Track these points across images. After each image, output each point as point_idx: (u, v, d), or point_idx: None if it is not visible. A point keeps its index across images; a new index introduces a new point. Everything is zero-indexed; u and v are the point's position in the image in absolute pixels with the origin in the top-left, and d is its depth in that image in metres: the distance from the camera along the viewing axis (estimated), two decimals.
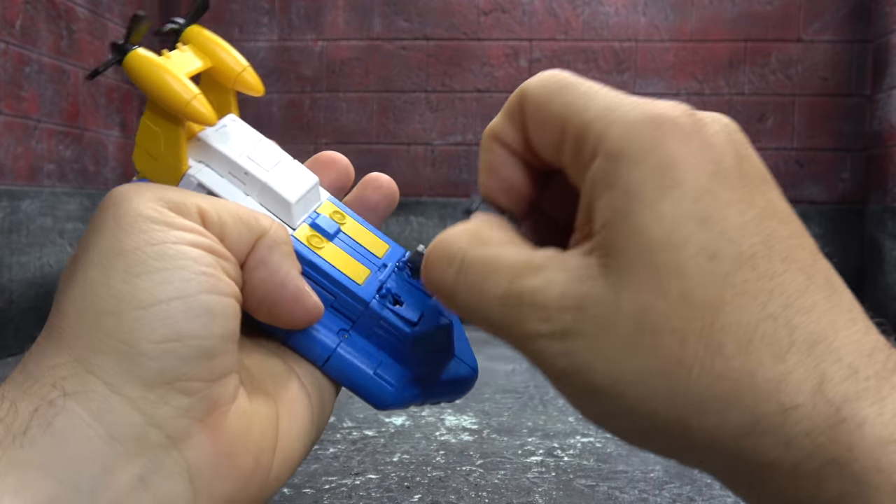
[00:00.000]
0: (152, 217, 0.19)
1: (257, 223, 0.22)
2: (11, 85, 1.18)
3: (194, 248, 0.19)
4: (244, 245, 0.21)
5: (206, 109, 0.23)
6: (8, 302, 1.17)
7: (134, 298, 0.18)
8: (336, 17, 1.64)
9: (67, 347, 0.18)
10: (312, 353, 0.23)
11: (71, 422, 0.17)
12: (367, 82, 1.63)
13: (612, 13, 1.59)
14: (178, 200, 0.20)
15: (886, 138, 1.45)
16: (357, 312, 0.23)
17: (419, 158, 1.63)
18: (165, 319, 0.18)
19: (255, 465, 0.19)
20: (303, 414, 0.21)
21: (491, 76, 1.61)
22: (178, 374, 0.18)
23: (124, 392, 0.18)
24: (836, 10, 1.53)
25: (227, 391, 0.19)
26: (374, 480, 0.38)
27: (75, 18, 1.36)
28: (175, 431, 0.18)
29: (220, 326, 0.19)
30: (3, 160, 1.17)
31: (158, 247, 0.19)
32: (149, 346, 0.18)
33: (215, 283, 0.19)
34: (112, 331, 0.18)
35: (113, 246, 0.19)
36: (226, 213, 0.21)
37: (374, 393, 0.23)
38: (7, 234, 1.17)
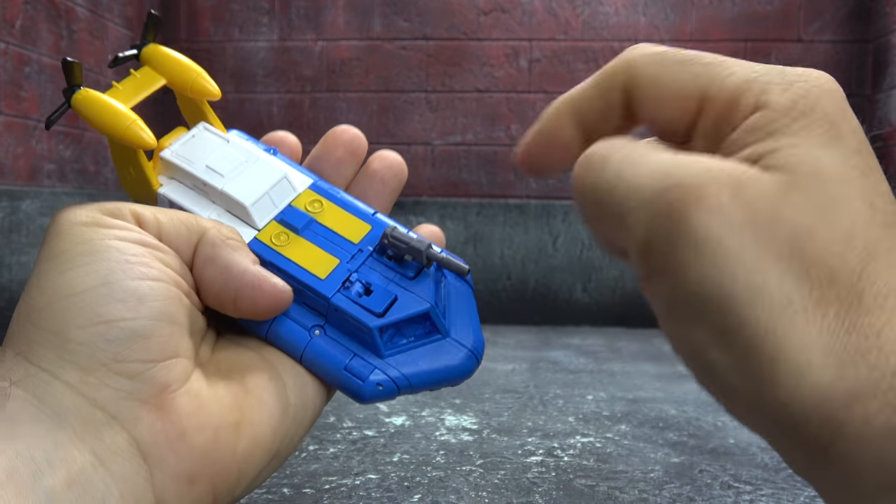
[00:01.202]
0: (84, 221, 0.21)
1: (196, 223, 0.22)
2: (11, 85, 1.18)
3: (122, 242, 0.20)
4: (185, 243, 0.22)
5: (143, 133, 0.24)
6: (8, 302, 1.17)
7: (61, 290, 0.19)
8: (336, 17, 1.64)
9: (11, 345, 0.19)
10: (289, 348, 0.23)
11: (21, 405, 0.18)
12: (367, 82, 1.63)
13: (612, 13, 1.59)
14: (112, 207, 0.21)
15: (886, 138, 1.45)
16: (324, 307, 0.23)
17: (419, 158, 1.63)
18: (90, 305, 0.19)
19: (213, 442, 0.19)
20: (272, 400, 0.22)
21: (491, 76, 1.61)
22: (111, 355, 0.19)
23: (63, 378, 0.19)
24: (836, 10, 1.53)
25: (174, 374, 0.20)
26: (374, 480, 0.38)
27: (75, 18, 1.36)
28: (120, 413, 0.19)
29: (150, 308, 0.20)
30: (3, 160, 1.17)
31: (87, 244, 0.20)
32: (77, 331, 0.19)
33: (143, 270, 0.20)
34: (43, 322, 0.19)
35: (48, 252, 0.20)
36: (162, 214, 0.22)
37: (348, 387, 0.23)
38: (7, 234, 1.17)
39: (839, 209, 0.15)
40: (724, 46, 1.57)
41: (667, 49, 0.19)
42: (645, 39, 1.58)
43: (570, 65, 1.60)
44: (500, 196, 1.62)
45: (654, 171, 0.17)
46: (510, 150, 1.62)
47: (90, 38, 1.41)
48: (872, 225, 0.15)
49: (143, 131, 0.24)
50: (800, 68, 0.18)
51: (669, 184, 0.16)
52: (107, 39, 1.48)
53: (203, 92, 0.26)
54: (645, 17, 1.58)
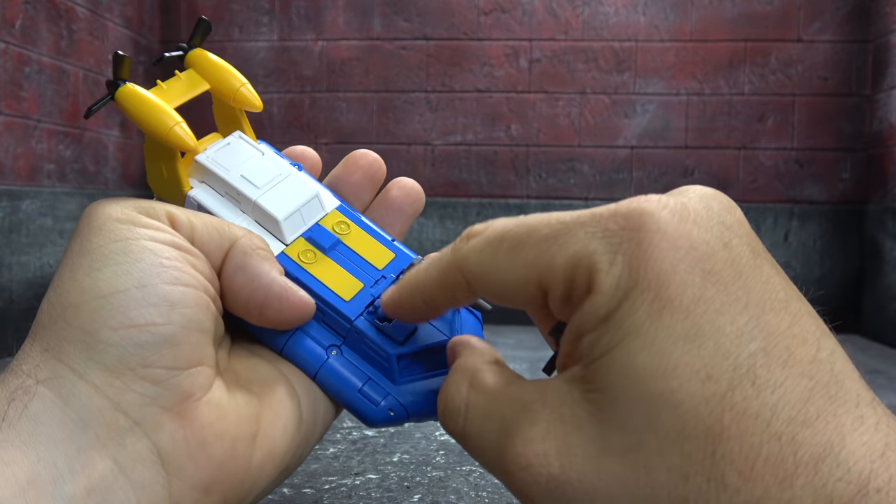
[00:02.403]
0: (119, 218, 0.21)
1: (229, 230, 0.22)
2: (11, 85, 1.18)
3: (157, 243, 0.20)
4: (216, 248, 0.22)
5: (187, 136, 0.24)
6: (8, 302, 1.17)
7: (95, 289, 0.19)
8: (336, 17, 1.64)
9: (39, 340, 0.19)
10: (304, 364, 0.23)
11: (45, 405, 0.18)
12: (367, 82, 1.63)
13: (612, 13, 1.59)
14: (147, 206, 0.21)
15: (886, 138, 1.45)
16: (344, 329, 0.23)
17: (419, 158, 1.63)
18: (123, 307, 0.19)
19: (231, 452, 0.19)
20: (287, 414, 0.22)
21: (491, 76, 1.61)
22: (139, 360, 0.19)
23: (89, 378, 0.18)
24: (836, 10, 1.53)
25: (198, 382, 0.20)
26: (374, 480, 0.38)
27: (75, 18, 1.36)
28: (143, 419, 0.19)
29: (180, 315, 0.20)
30: (3, 160, 1.17)
31: (121, 243, 0.20)
32: (108, 332, 0.19)
33: (176, 274, 0.20)
34: (74, 320, 0.19)
35: (82, 246, 0.20)
36: (195, 217, 0.22)
37: (359, 410, 0.23)
38: (7, 234, 1.17)
39: (661, 408, 0.14)
40: (724, 46, 1.57)
41: (500, 235, 0.18)
42: (645, 39, 1.58)
43: (570, 65, 1.60)
44: (500, 196, 1.62)
45: (496, 445, 0.17)
46: (510, 150, 1.62)
47: (90, 38, 1.41)
48: (709, 400, 0.14)
49: (187, 134, 0.24)
50: (637, 206, 0.16)
51: (508, 468, 0.17)
52: (107, 39, 1.48)
53: (245, 103, 0.26)
54: (645, 17, 1.58)
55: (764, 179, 1.58)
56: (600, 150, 1.62)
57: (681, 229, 0.15)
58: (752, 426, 0.13)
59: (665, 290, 0.15)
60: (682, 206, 0.16)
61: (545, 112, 1.61)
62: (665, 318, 0.14)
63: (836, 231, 1.56)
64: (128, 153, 1.58)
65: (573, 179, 1.62)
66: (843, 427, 0.13)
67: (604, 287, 0.16)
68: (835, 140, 1.55)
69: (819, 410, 0.13)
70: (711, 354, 0.14)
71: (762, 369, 0.14)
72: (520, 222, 0.18)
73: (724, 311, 0.14)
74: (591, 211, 0.17)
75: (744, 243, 0.16)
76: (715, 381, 0.14)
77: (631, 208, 0.16)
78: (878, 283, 1.46)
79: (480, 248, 0.19)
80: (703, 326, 0.14)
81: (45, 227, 1.27)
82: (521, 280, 0.18)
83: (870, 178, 1.52)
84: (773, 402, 0.13)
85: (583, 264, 0.16)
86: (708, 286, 0.15)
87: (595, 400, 0.15)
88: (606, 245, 0.16)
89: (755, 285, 0.15)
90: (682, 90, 1.59)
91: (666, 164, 1.61)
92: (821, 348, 0.14)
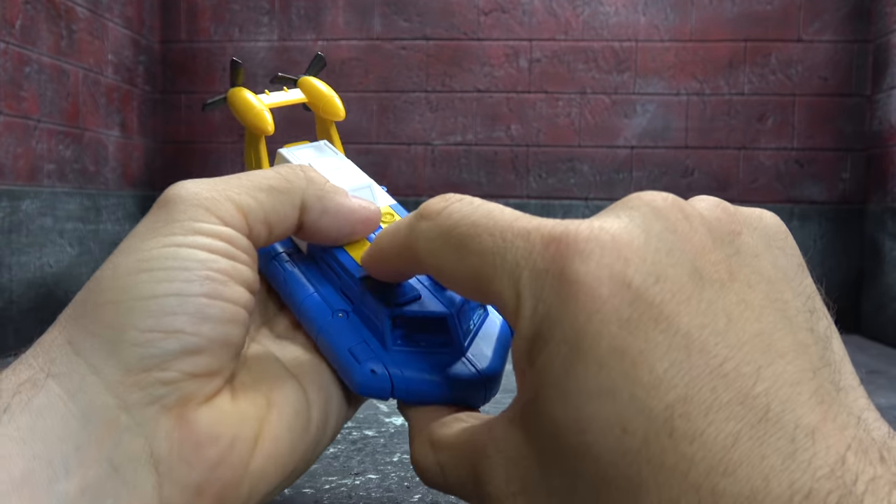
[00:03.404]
0: (178, 220, 0.20)
1: (291, 190, 0.23)
2: (11, 85, 1.18)
3: (208, 252, 0.20)
4: (290, 209, 0.23)
5: (264, 120, 0.29)
6: (8, 302, 1.17)
7: (134, 290, 0.19)
8: (336, 17, 1.64)
9: (64, 329, 0.19)
10: (310, 322, 0.24)
11: (49, 400, 0.18)
12: (367, 82, 1.63)
13: (612, 13, 1.59)
14: (217, 198, 0.21)
15: (886, 138, 1.45)
16: (353, 292, 0.24)
17: (419, 158, 1.63)
18: (157, 312, 0.19)
19: (227, 455, 0.19)
20: (294, 417, 0.22)
21: (491, 76, 1.61)
22: (158, 362, 0.19)
23: (104, 374, 0.18)
24: (836, 10, 1.53)
25: (206, 389, 0.20)
26: (374, 480, 0.38)
27: (75, 18, 1.36)
28: (143, 418, 0.18)
29: (212, 329, 0.19)
30: (3, 160, 1.17)
31: (173, 248, 0.20)
32: (135, 333, 0.19)
33: (218, 288, 0.20)
34: (106, 317, 0.19)
35: (134, 245, 0.20)
36: (263, 194, 0.22)
37: (345, 367, 0.23)
38: (7, 234, 1.17)
39: (582, 460, 0.14)
40: (724, 46, 1.57)
41: (449, 228, 0.18)
42: (645, 39, 1.58)
43: (570, 65, 1.60)
44: (500, 196, 1.62)
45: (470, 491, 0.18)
46: (510, 150, 1.62)
47: (90, 38, 1.41)
48: (625, 454, 0.13)
49: (265, 120, 0.29)
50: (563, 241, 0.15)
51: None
52: (107, 39, 1.48)
53: (329, 112, 0.31)
54: (645, 17, 1.58)
55: (764, 179, 1.58)
56: (600, 150, 1.62)
57: (603, 274, 0.15)
58: (669, 479, 0.13)
59: (580, 342, 0.14)
60: (612, 241, 0.15)
61: (545, 112, 1.61)
62: (580, 370, 0.14)
63: (836, 231, 1.56)
64: (128, 153, 1.58)
65: (573, 179, 1.62)
66: (770, 470, 0.13)
67: (525, 332, 0.16)
68: (835, 140, 1.55)
69: (743, 456, 0.13)
70: (626, 407, 0.14)
71: (680, 420, 0.13)
72: (471, 217, 0.18)
73: (642, 360, 0.14)
74: (529, 234, 0.16)
75: (684, 269, 0.15)
76: (631, 434, 0.13)
77: (559, 247, 0.15)
78: (878, 283, 1.46)
79: (430, 237, 0.19)
80: (618, 379, 0.14)
81: (45, 227, 1.27)
82: (465, 282, 0.18)
83: (870, 178, 1.52)
84: (691, 453, 0.13)
85: (511, 302, 0.16)
86: (625, 335, 0.14)
87: (532, 442, 0.16)
88: (532, 287, 0.15)
89: (684, 322, 0.14)
90: (682, 90, 1.59)
91: (666, 164, 1.61)
92: (760, 379, 0.14)
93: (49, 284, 1.28)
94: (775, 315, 0.15)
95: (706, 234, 0.16)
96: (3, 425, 0.17)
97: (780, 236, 0.18)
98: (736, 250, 0.16)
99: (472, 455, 0.18)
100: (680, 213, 0.16)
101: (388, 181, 1.62)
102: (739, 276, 0.16)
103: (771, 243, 0.17)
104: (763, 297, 0.15)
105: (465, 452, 0.19)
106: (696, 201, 0.18)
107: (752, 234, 0.17)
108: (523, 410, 0.16)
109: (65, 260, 1.33)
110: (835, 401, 0.14)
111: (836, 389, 0.15)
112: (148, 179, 1.67)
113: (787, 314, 0.15)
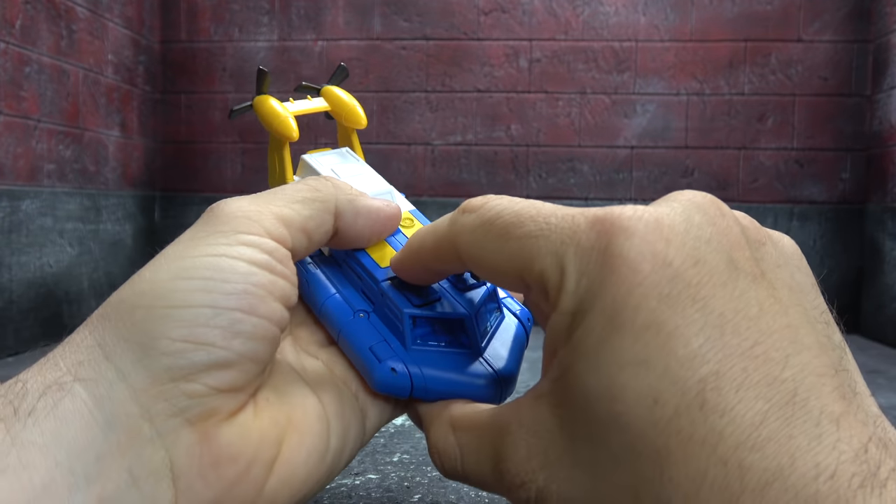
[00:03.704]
0: (223, 231, 0.20)
1: (323, 193, 0.23)
2: (11, 85, 1.18)
3: (250, 265, 0.20)
4: (327, 216, 0.23)
5: (289, 126, 0.30)
6: (8, 302, 1.17)
7: (170, 298, 0.19)
8: (336, 17, 1.64)
9: (95, 331, 0.19)
10: (332, 322, 0.25)
11: (75, 405, 0.18)
12: (367, 82, 1.63)
13: (612, 13, 1.59)
14: (258, 211, 0.21)
15: (886, 138, 1.45)
16: (374, 293, 0.24)
17: (419, 158, 1.63)
18: (190, 322, 0.19)
19: (244, 476, 0.19)
20: (313, 441, 0.21)
21: (491, 76, 1.61)
22: (186, 373, 0.19)
23: (131, 381, 0.18)
24: (836, 10, 1.53)
25: (230, 405, 0.20)
26: (374, 480, 0.38)
27: (75, 18, 1.36)
28: (166, 430, 0.18)
29: (243, 344, 0.19)
30: (3, 160, 1.17)
31: (215, 258, 0.20)
32: (166, 342, 0.18)
33: (254, 303, 0.20)
34: (140, 322, 0.19)
35: (177, 252, 0.20)
36: (301, 206, 0.23)
37: (365, 365, 0.23)
38: (7, 234, 1.17)
39: (610, 430, 0.14)
40: (724, 46, 1.57)
41: (492, 218, 0.18)
42: (645, 39, 1.58)
43: (570, 65, 1.60)
44: None
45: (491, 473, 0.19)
46: (510, 150, 1.62)
47: (90, 38, 1.41)
48: (655, 424, 0.14)
49: (290, 126, 0.30)
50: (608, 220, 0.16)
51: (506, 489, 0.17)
52: (107, 39, 1.48)
53: (351, 120, 0.33)
54: (645, 17, 1.58)
55: (764, 179, 1.58)
56: (600, 150, 1.62)
57: (646, 251, 0.15)
58: (698, 451, 0.13)
59: (618, 314, 0.15)
60: (655, 223, 0.16)
61: (545, 112, 1.61)
62: (615, 341, 0.15)
63: (836, 231, 1.56)
64: (128, 153, 1.58)
65: (573, 179, 1.62)
66: (797, 449, 0.13)
67: (566, 307, 0.16)
68: (835, 140, 1.55)
69: (771, 434, 0.13)
70: (659, 378, 0.14)
71: (712, 393, 0.14)
72: (513, 207, 0.18)
73: (678, 334, 0.14)
74: (574, 217, 0.17)
75: (721, 258, 0.15)
76: (662, 405, 0.14)
77: (605, 225, 0.16)
78: (878, 283, 1.46)
79: (473, 228, 0.19)
80: (653, 351, 0.14)
81: (45, 227, 1.27)
82: (505, 269, 0.18)
83: (870, 178, 1.52)
84: (720, 426, 0.13)
85: (554, 278, 0.16)
86: (663, 309, 0.14)
87: (560, 415, 0.16)
88: (576, 262, 0.16)
89: (719, 304, 0.15)
90: (682, 90, 1.59)
91: (666, 164, 1.61)
92: (788, 366, 0.14)
93: (49, 284, 1.28)
94: (800, 314, 0.16)
95: (740, 233, 0.17)
96: (27, 430, 0.16)
97: (796, 257, 0.19)
98: (762, 256, 0.17)
99: (495, 433, 0.18)
100: (718, 210, 0.17)
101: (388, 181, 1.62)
102: (767, 275, 0.16)
103: (789, 261, 0.18)
104: (787, 297, 0.16)
105: (487, 431, 0.19)
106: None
107: (775, 248, 0.18)
108: (552, 386, 0.16)
109: (65, 260, 1.33)
110: (853, 400, 0.15)
111: (853, 392, 0.15)
112: (148, 179, 1.67)
113: (808, 316, 0.16)
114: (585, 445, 0.15)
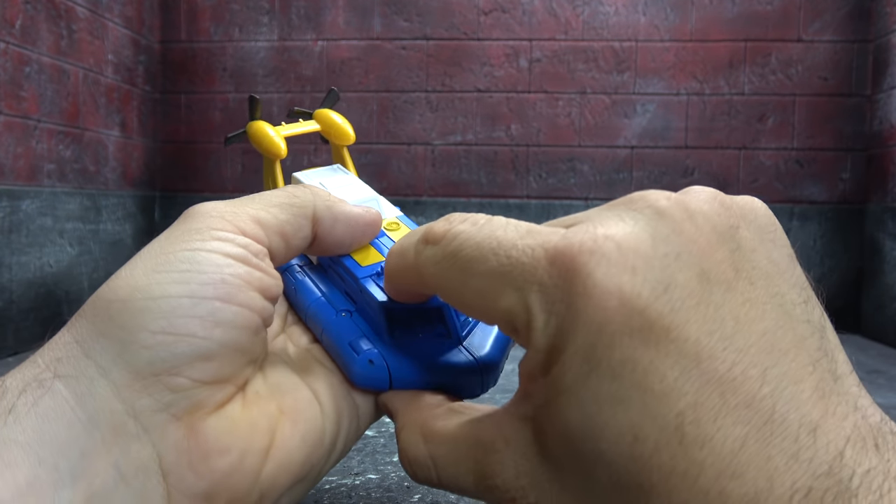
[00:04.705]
0: (199, 228, 0.20)
1: (300, 199, 0.24)
2: (11, 85, 1.18)
3: (225, 257, 0.20)
4: (304, 222, 0.23)
5: (276, 145, 0.32)
6: (8, 302, 1.17)
7: (147, 290, 0.19)
8: (336, 17, 1.64)
9: (73, 329, 0.19)
10: (316, 322, 0.25)
11: (56, 402, 0.17)
12: (367, 82, 1.63)
13: (612, 13, 1.59)
14: (234, 211, 0.22)
15: (886, 138, 1.45)
16: (355, 291, 0.25)
17: (419, 158, 1.63)
18: (168, 313, 0.19)
19: (237, 466, 0.19)
20: (307, 426, 0.21)
21: (491, 76, 1.61)
22: (168, 367, 0.18)
23: (112, 377, 0.18)
24: (836, 10, 1.53)
25: (216, 397, 0.19)
26: (374, 480, 0.38)
27: (75, 18, 1.36)
28: (151, 425, 0.18)
29: (225, 334, 0.19)
30: (3, 160, 1.17)
31: (190, 252, 0.20)
32: (146, 334, 0.18)
33: (232, 292, 0.20)
34: (117, 316, 0.18)
35: (153, 249, 0.20)
36: (278, 210, 0.23)
37: (346, 363, 0.23)
38: (7, 234, 1.17)
39: (595, 466, 0.14)
40: (724, 46, 1.57)
41: (454, 251, 0.18)
42: (645, 39, 1.58)
43: (570, 65, 1.60)
44: (500, 196, 1.62)
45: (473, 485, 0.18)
46: (510, 150, 1.62)
47: (90, 38, 1.41)
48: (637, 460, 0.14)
49: (277, 145, 0.32)
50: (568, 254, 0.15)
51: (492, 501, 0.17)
52: (107, 39, 1.48)
53: (340, 138, 0.35)
54: (645, 17, 1.58)
55: (764, 179, 1.58)
56: (600, 150, 1.62)
57: (611, 286, 0.15)
58: (679, 484, 0.13)
59: (592, 354, 0.15)
60: (618, 251, 0.15)
61: (545, 112, 1.61)
62: (593, 380, 0.14)
63: (836, 231, 1.56)
64: (128, 153, 1.58)
65: (573, 179, 1.62)
66: (775, 471, 0.13)
67: (539, 345, 0.16)
68: (835, 140, 1.55)
69: (750, 458, 0.13)
70: (639, 416, 0.14)
71: (691, 427, 0.14)
72: (474, 238, 0.18)
73: (652, 369, 0.14)
74: (534, 251, 0.16)
75: (692, 273, 0.15)
76: (642, 441, 0.14)
77: (565, 261, 0.16)
78: (878, 283, 1.46)
79: (436, 262, 0.19)
80: (630, 388, 0.14)
81: (45, 227, 1.27)
82: (472, 304, 0.18)
83: (870, 178, 1.52)
84: (700, 458, 0.13)
85: (521, 317, 0.16)
86: (636, 345, 0.14)
87: (545, 443, 0.16)
88: (541, 302, 0.16)
89: (694, 330, 0.14)
90: (682, 90, 1.59)
91: (666, 164, 1.61)
92: (766, 381, 0.14)
93: (49, 284, 1.28)
94: (776, 311, 0.15)
95: (711, 233, 0.16)
96: (8, 427, 0.16)
97: (770, 228, 0.18)
98: (737, 245, 0.16)
99: (477, 449, 0.18)
100: (684, 212, 0.16)
101: (388, 181, 1.62)
102: (742, 273, 0.16)
103: (764, 236, 0.17)
104: (763, 292, 0.16)
105: (467, 446, 0.18)
106: (692, 194, 0.17)
107: (749, 228, 0.17)
108: (536, 413, 0.16)
109: (65, 260, 1.33)
110: (833, 391, 0.15)
111: (833, 379, 0.15)
112: (148, 179, 1.67)
113: (785, 308, 0.16)
114: (572, 475, 0.15)
